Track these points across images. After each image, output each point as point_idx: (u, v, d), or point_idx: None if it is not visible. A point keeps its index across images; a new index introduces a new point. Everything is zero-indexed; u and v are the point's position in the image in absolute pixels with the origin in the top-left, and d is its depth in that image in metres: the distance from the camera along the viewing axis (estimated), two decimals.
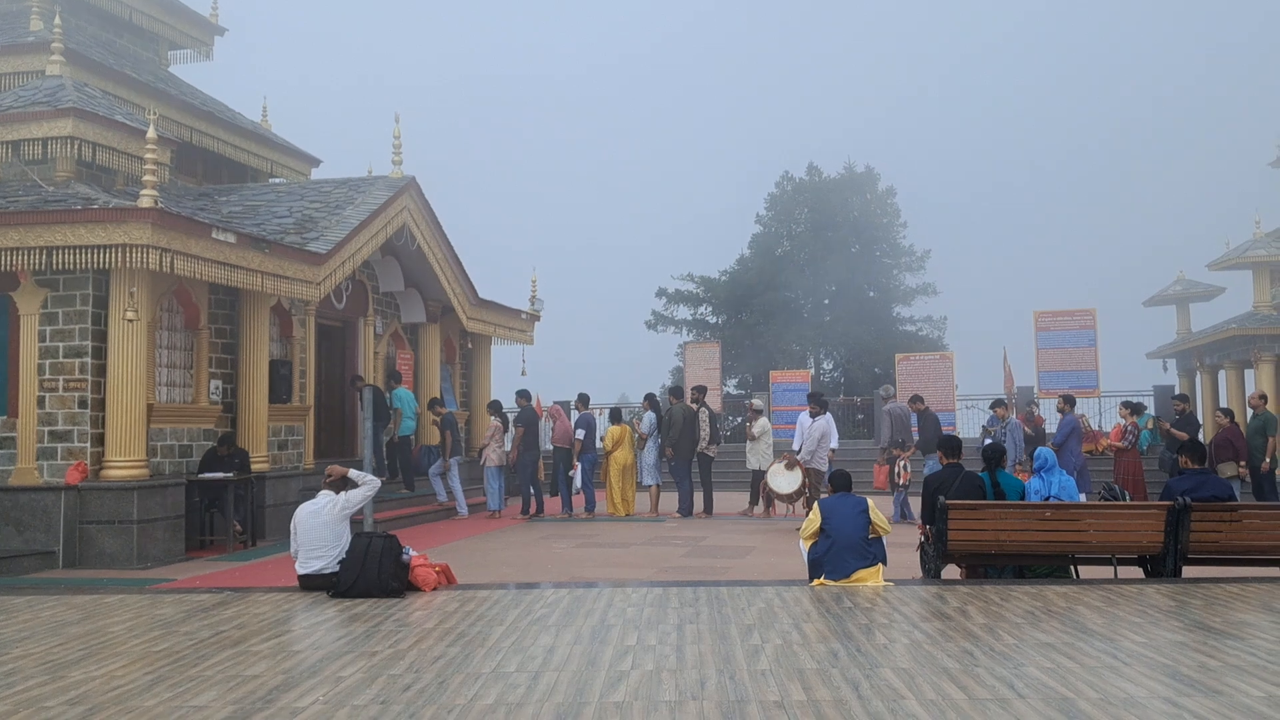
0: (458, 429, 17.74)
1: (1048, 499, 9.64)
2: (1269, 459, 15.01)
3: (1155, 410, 20.74)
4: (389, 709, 5.20)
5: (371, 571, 8.65)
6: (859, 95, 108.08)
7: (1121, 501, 9.88)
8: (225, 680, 5.84)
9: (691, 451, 16.52)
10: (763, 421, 16.89)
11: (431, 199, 17.63)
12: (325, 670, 6.05)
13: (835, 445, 15.47)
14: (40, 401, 12.12)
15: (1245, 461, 14.71)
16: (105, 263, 11.53)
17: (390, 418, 17.03)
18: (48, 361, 12.14)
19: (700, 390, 17.17)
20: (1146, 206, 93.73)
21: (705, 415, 16.69)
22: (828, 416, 15.39)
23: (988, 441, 16.56)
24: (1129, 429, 15.98)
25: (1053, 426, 17.51)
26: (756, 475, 16.74)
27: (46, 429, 12.09)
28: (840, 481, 9.54)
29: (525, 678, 5.80)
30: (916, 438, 16.19)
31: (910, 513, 15.39)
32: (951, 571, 9.61)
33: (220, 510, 12.97)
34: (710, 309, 38.59)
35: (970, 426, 22.71)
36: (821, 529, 8.97)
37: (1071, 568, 9.54)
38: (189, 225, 12.01)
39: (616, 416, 17.38)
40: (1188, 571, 9.18)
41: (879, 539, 8.99)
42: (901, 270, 38.52)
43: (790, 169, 40.05)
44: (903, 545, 10.60)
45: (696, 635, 6.88)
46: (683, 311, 38.74)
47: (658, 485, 17.05)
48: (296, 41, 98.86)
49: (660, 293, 38.71)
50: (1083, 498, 11.38)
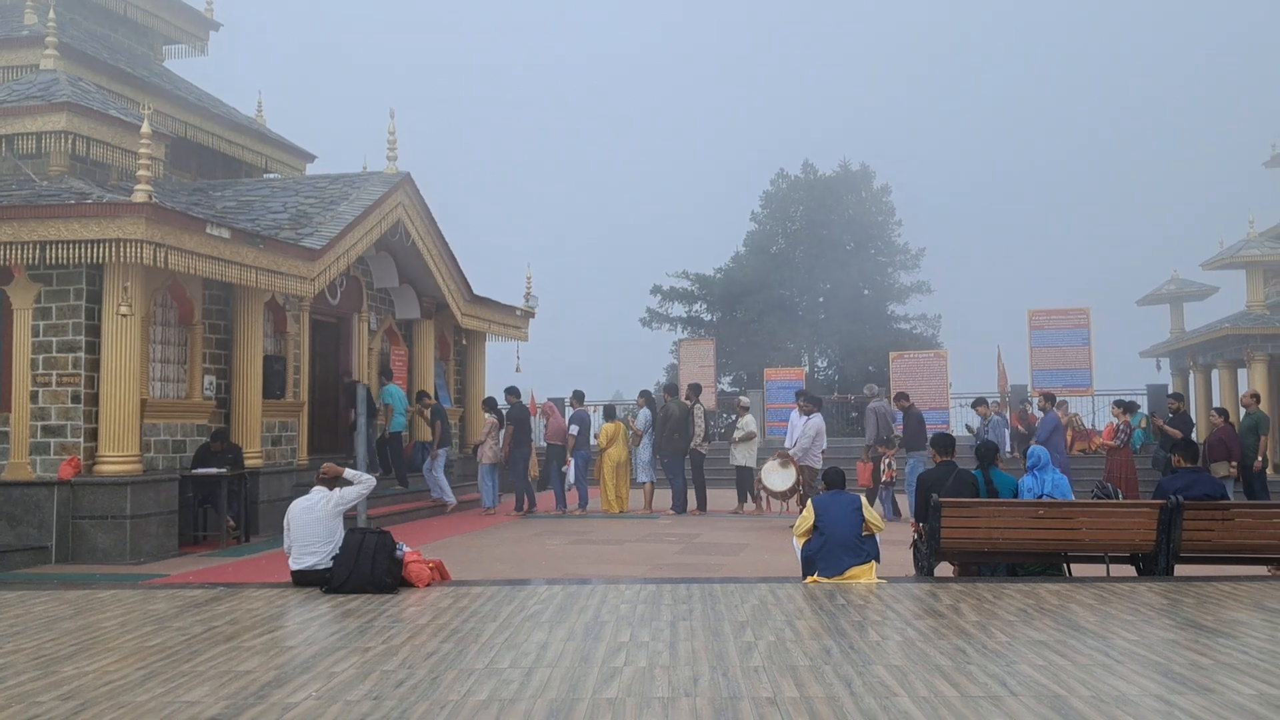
0: (447, 419, 17.76)
1: (1041, 497, 9.67)
2: (1260, 458, 15.04)
3: (1149, 409, 20.78)
4: (381, 705, 5.20)
5: (365, 567, 8.66)
6: (855, 93, 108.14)
7: (1114, 500, 9.91)
8: (217, 676, 5.84)
9: (685, 448, 16.58)
10: (747, 419, 16.98)
11: (426, 195, 17.63)
12: (318, 666, 6.05)
13: (824, 445, 15.51)
14: (34, 396, 12.09)
15: (1237, 461, 14.74)
16: (99, 257, 11.51)
17: (378, 414, 17.01)
18: (41, 356, 12.11)
19: (695, 388, 17.33)
20: (1141, 206, 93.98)
21: (699, 412, 16.75)
22: (819, 415, 15.44)
23: (987, 436, 16.69)
24: (1121, 428, 16.02)
25: None
26: (741, 471, 16.81)
27: (40, 424, 12.07)
28: (834, 479, 9.54)
29: (518, 674, 5.80)
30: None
31: (896, 510, 15.48)
32: (945, 569, 9.63)
33: (213, 506, 12.95)
34: (705, 306, 38.59)
35: (964, 425, 22.73)
36: (815, 526, 8.99)
37: (1064, 566, 9.57)
38: (183, 220, 11.99)
39: (610, 414, 17.42)
40: (1180, 570, 9.22)
41: (872, 536, 9.01)
42: (896, 268, 38.58)
43: (786, 166, 40.14)
44: (896, 543, 10.62)
45: (690, 632, 6.89)
46: (677, 309, 38.79)
47: (651, 482, 17.07)
48: (291, 36, 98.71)
49: (655, 290, 38.74)
50: None
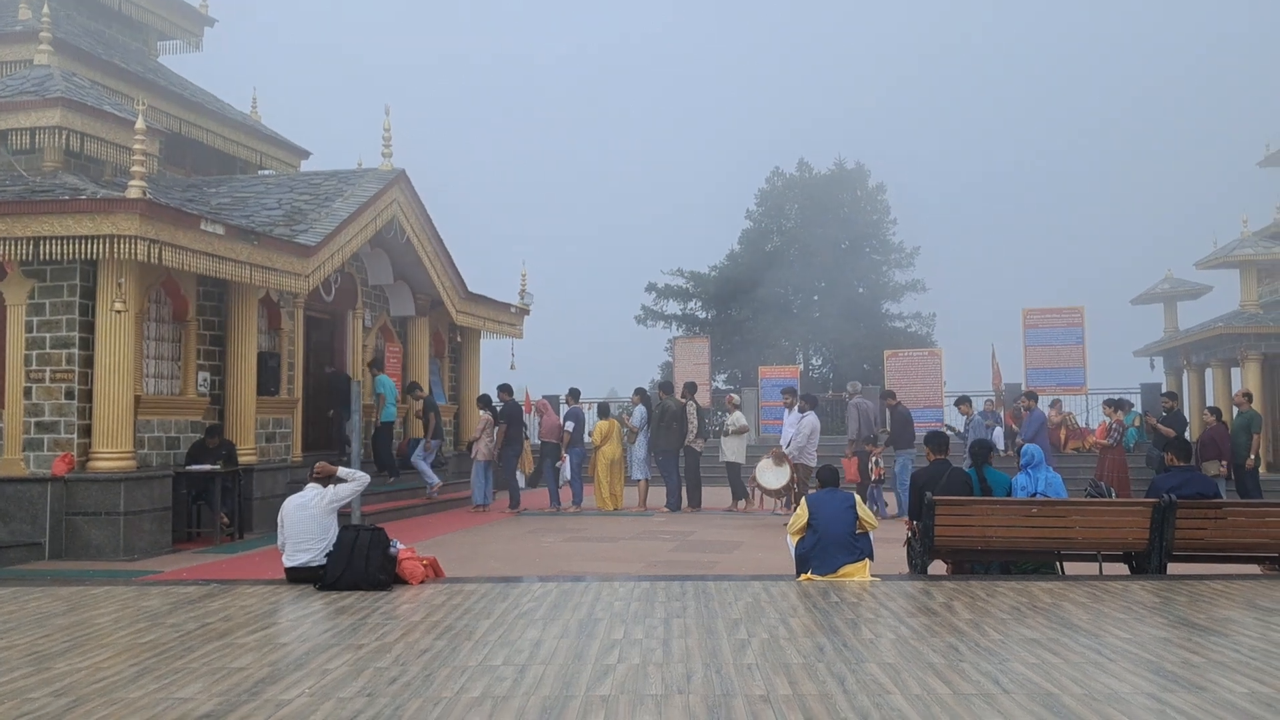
0: (439, 412, 17.76)
1: (1034, 495, 9.68)
2: (1253, 456, 15.10)
3: (1142, 408, 20.82)
4: (375, 702, 5.20)
5: (359, 564, 8.65)
6: (851, 92, 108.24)
7: (1107, 498, 9.93)
8: (211, 672, 5.83)
9: (679, 445, 16.60)
10: (736, 415, 17.03)
11: (421, 192, 17.60)
12: (311, 663, 6.05)
13: (819, 443, 15.54)
14: (27, 392, 12.06)
15: (1229, 460, 14.80)
16: (93, 253, 11.48)
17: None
18: (34, 352, 12.07)
19: (690, 386, 17.40)
20: (1135, 205, 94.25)
21: (693, 409, 16.77)
22: (813, 414, 15.46)
23: (965, 435, 16.73)
24: (1114, 426, 16.07)
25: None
26: (731, 468, 16.83)
27: (33, 420, 12.03)
28: (827, 477, 9.55)
29: (512, 671, 5.81)
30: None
31: (884, 508, 15.53)
32: (938, 567, 9.65)
33: (207, 502, 12.93)
34: (700, 304, 38.57)
35: (959, 423, 22.72)
36: (809, 524, 8.99)
37: (1057, 564, 9.59)
38: (177, 216, 11.96)
39: (604, 411, 17.43)
40: (1172, 568, 9.24)
41: (866, 534, 9.02)
42: (891, 267, 38.58)
43: (781, 164, 40.15)
44: (889, 540, 10.63)
45: (683, 629, 6.90)
46: (672, 306, 38.76)
47: (646, 480, 17.08)
48: (285, 33, 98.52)
49: (650, 287, 38.71)
50: None
